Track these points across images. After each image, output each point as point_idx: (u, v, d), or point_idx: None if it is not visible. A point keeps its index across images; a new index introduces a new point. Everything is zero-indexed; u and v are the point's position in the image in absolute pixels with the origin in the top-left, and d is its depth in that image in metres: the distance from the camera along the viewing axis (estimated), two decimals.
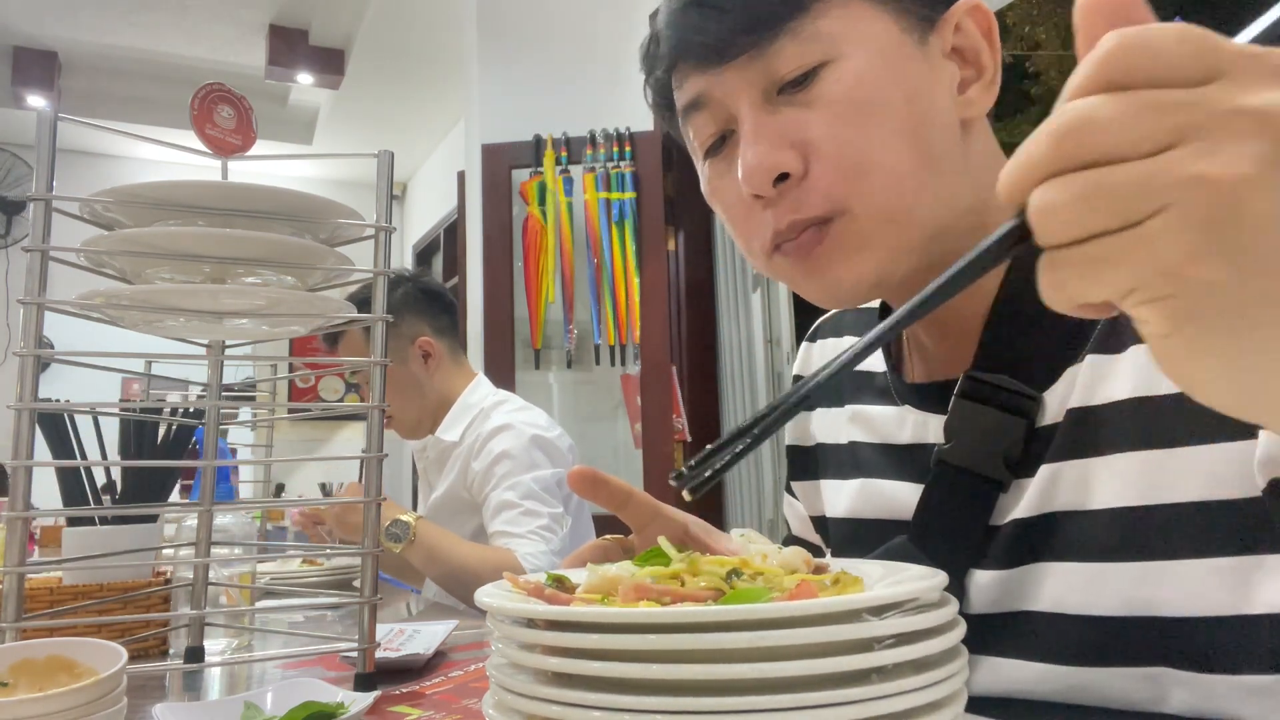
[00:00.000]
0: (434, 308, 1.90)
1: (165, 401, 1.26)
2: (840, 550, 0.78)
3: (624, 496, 0.68)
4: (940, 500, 0.66)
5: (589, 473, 0.67)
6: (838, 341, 0.87)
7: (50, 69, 4.85)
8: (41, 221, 0.76)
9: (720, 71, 0.63)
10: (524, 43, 3.54)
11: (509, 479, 1.70)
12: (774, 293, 3.21)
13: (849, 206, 0.61)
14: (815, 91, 0.61)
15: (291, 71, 4.86)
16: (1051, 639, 0.59)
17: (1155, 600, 0.55)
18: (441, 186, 5.64)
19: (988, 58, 0.64)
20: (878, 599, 0.44)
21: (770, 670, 0.40)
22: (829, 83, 0.60)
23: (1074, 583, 0.59)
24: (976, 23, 0.64)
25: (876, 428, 0.76)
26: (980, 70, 0.65)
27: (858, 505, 0.76)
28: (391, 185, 0.87)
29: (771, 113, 0.62)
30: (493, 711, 0.48)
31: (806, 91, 0.61)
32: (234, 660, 1.00)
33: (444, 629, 1.00)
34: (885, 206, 0.60)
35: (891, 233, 0.61)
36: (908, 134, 0.60)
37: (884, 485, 0.73)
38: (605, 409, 3.37)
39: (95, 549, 1.01)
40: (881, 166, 0.60)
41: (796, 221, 0.62)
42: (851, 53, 0.60)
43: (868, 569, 0.54)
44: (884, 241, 0.61)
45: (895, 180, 0.60)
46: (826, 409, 0.83)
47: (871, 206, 0.60)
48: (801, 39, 0.60)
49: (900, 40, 0.61)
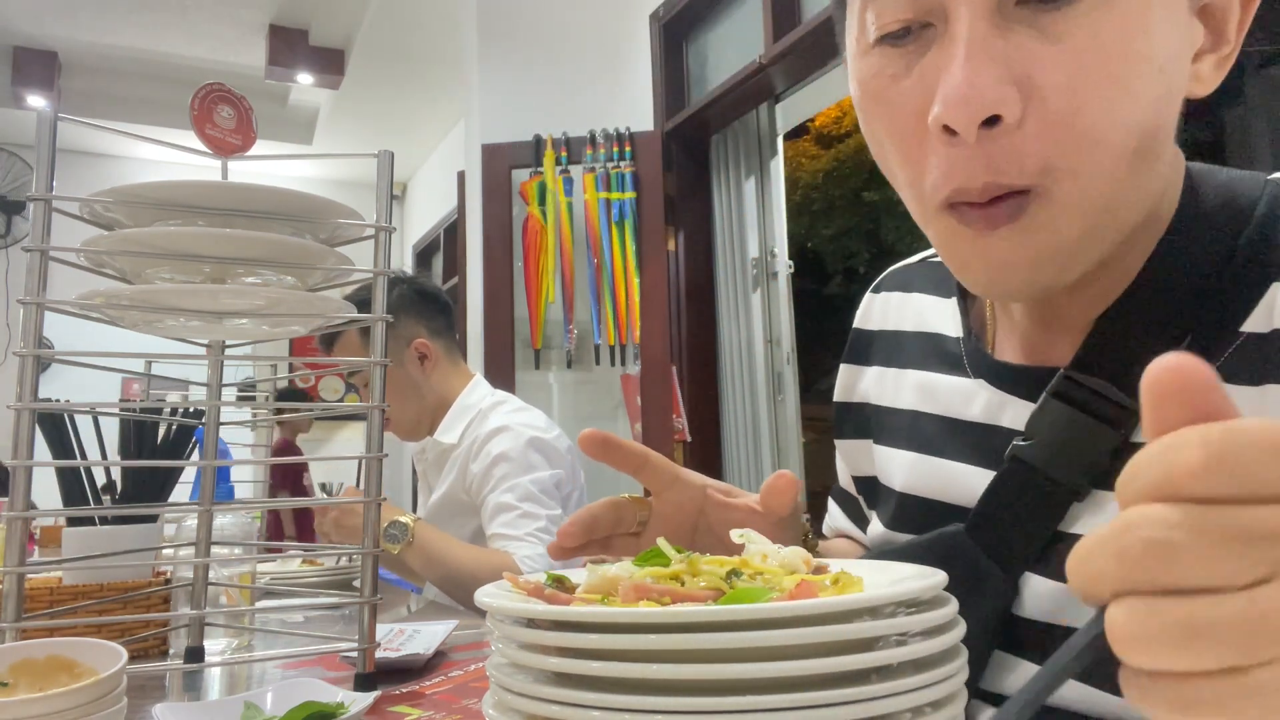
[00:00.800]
0: (430, 309, 1.90)
1: (165, 401, 1.26)
2: (883, 517, 0.73)
3: (640, 460, 0.65)
4: (1009, 498, 0.60)
5: (600, 435, 0.64)
6: (904, 297, 0.77)
7: (50, 69, 4.86)
8: (41, 221, 0.76)
9: None
10: (524, 43, 3.55)
11: (507, 481, 1.70)
12: (774, 293, 3.21)
13: (1054, 184, 0.49)
14: (1069, 22, 0.47)
15: (291, 71, 4.86)
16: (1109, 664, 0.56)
17: None
18: (441, 186, 5.64)
19: (1234, 28, 0.53)
20: (877, 599, 0.44)
21: (770, 670, 0.40)
22: (1090, 17, 0.47)
23: None
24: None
25: (941, 399, 0.68)
26: (1220, 40, 0.53)
27: (913, 481, 0.69)
28: (391, 185, 0.87)
29: (1003, 30, 0.48)
30: (493, 711, 0.48)
31: (1056, 15, 0.47)
32: (234, 660, 1.00)
33: (444, 629, 1.00)
34: (1094, 192, 0.50)
35: (1090, 228, 0.51)
36: (1148, 109, 0.49)
37: (944, 465, 0.67)
38: (605, 409, 3.37)
39: (95, 549, 1.01)
40: (1109, 143, 0.48)
41: (992, 185, 0.49)
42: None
43: (866, 569, 0.54)
44: (1077, 236, 0.51)
45: (1114, 162, 0.49)
46: (884, 368, 0.76)
47: (1079, 189, 0.49)
48: None
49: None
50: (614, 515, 0.64)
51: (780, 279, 3.19)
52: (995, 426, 0.64)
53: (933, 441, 0.68)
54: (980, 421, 0.65)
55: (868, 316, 0.82)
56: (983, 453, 0.64)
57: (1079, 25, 0.47)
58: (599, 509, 0.63)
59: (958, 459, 0.66)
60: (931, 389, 0.70)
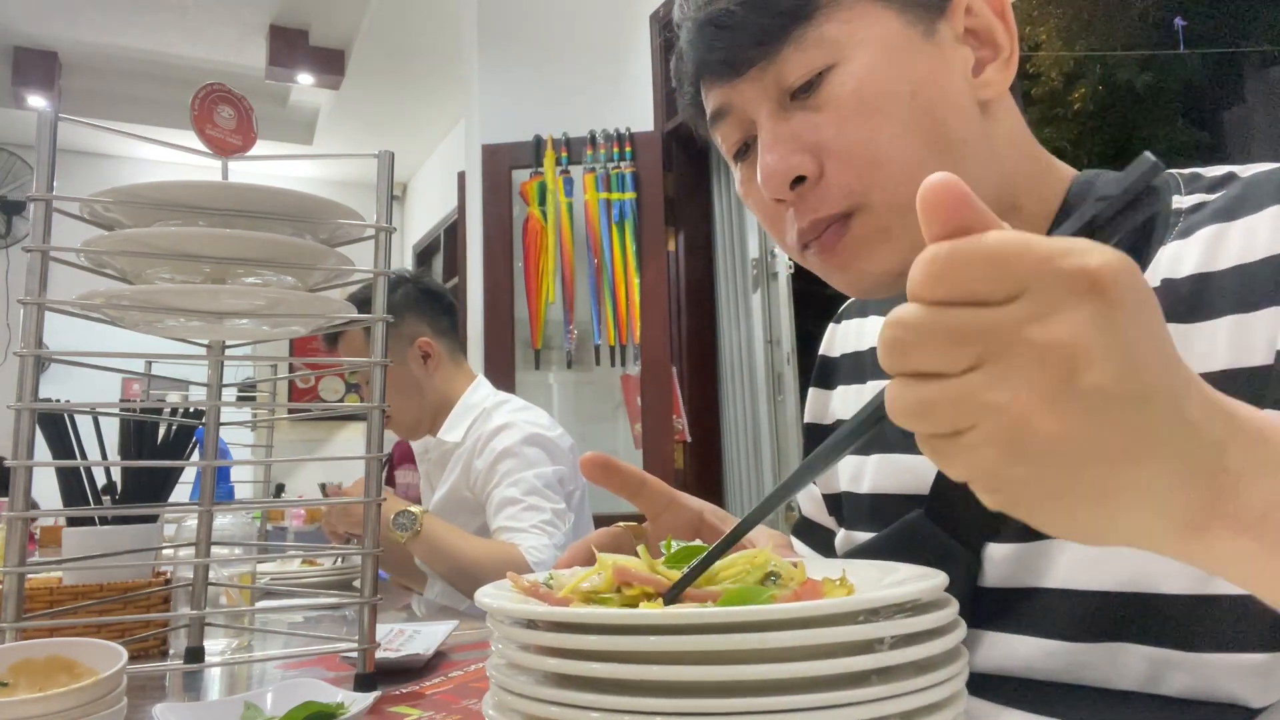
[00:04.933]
0: (434, 308, 1.90)
1: (165, 401, 1.26)
2: (855, 526, 0.78)
3: (637, 483, 0.68)
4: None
5: (601, 458, 0.67)
6: (861, 322, 0.87)
7: (50, 69, 4.85)
8: (42, 221, 0.76)
9: (736, 83, 0.66)
10: (524, 43, 3.55)
11: (511, 476, 1.71)
12: (774, 293, 3.20)
13: (866, 201, 0.62)
14: (823, 95, 0.62)
15: (292, 72, 4.86)
16: (1060, 615, 0.60)
17: (1154, 576, 0.55)
18: (441, 187, 5.64)
19: (1003, 36, 0.65)
20: (878, 600, 0.44)
21: (770, 672, 0.40)
22: (835, 85, 0.62)
23: (1084, 557, 0.59)
24: (988, 2, 0.65)
25: None
26: (996, 49, 0.65)
27: (880, 481, 0.75)
28: (392, 185, 0.87)
29: (785, 119, 0.64)
30: (493, 712, 0.48)
31: (815, 96, 0.63)
32: (234, 660, 1.00)
33: (444, 629, 1.00)
34: (903, 197, 0.61)
35: (912, 222, 0.61)
36: (918, 125, 0.61)
37: (904, 459, 0.73)
38: (605, 409, 3.37)
39: (95, 549, 1.01)
40: (894, 159, 0.61)
41: (817, 220, 0.64)
42: (855, 54, 0.62)
43: (863, 570, 0.54)
44: (904, 232, 0.62)
45: (909, 171, 0.61)
46: (848, 386, 0.84)
47: (888, 199, 0.62)
48: (805, 46, 0.62)
49: (904, 34, 0.62)
50: (612, 545, 0.66)
51: (780, 279, 3.18)
52: None
53: (894, 442, 0.74)
54: None
55: (831, 345, 0.90)
56: None
57: (833, 92, 0.62)
58: (596, 540, 0.65)
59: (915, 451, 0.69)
60: None
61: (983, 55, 0.65)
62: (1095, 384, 0.31)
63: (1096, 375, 0.31)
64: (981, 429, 0.32)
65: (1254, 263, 0.56)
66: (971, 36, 0.65)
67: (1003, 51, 0.65)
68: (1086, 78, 4.66)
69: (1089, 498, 0.33)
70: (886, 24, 0.62)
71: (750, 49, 0.64)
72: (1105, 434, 0.32)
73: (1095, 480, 0.33)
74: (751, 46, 0.64)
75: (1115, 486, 0.33)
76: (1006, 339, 0.32)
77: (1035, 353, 0.31)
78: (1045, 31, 4.73)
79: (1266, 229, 0.56)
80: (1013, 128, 0.67)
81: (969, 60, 0.64)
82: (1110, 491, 0.33)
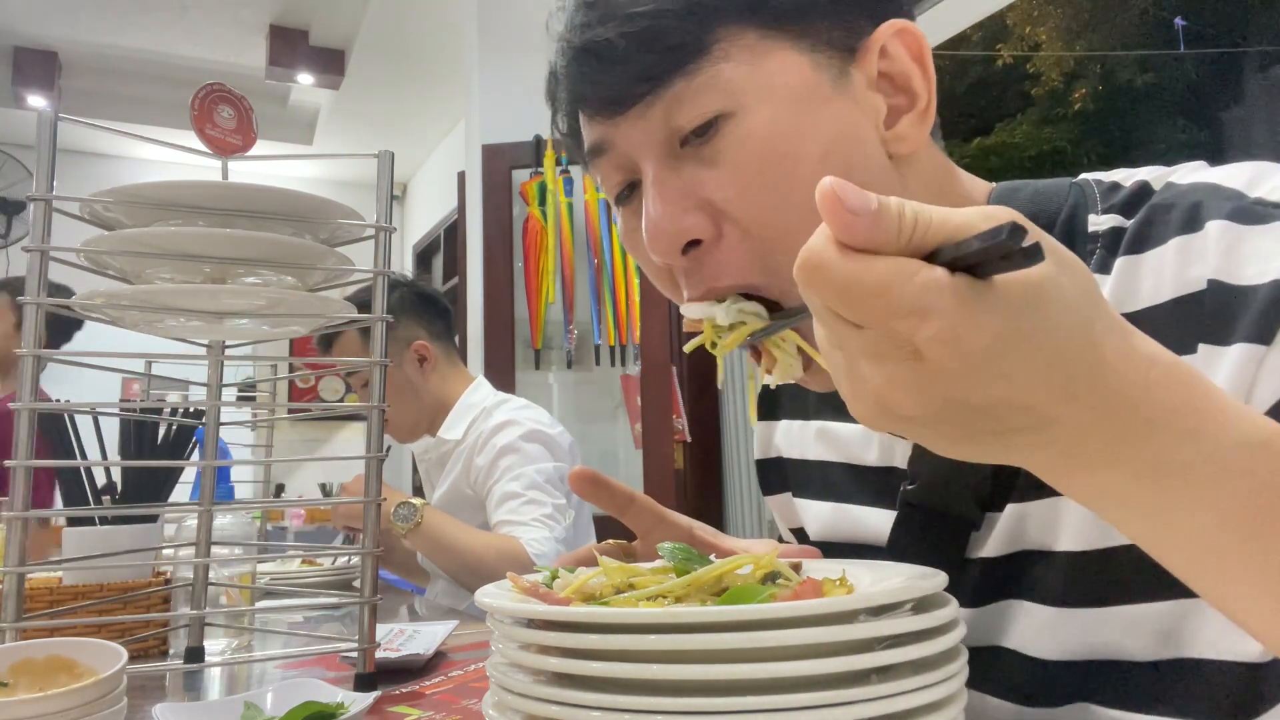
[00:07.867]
0: (430, 312, 1.91)
1: (165, 401, 1.26)
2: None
3: (626, 500, 0.67)
4: (913, 538, 0.63)
5: (590, 474, 0.66)
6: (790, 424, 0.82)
7: (50, 69, 4.85)
8: (41, 221, 0.76)
9: (618, 121, 0.58)
10: (524, 43, 3.54)
11: (512, 471, 1.71)
12: None
13: (773, 281, 0.56)
14: (719, 146, 0.55)
15: (292, 72, 4.86)
16: (1020, 678, 0.58)
17: (1110, 644, 0.54)
18: (441, 187, 5.64)
19: (920, 84, 0.58)
20: (876, 599, 0.44)
21: (769, 671, 0.40)
22: (734, 139, 0.55)
23: (1037, 624, 0.57)
24: (905, 46, 0.58)
25: (843, 446, 0.73)
26: (913, 98, 0.58)
27: (826, 530, 0.74)
28: (392, 185, 0.87)
29: (675, 169, 0.57)
30: (493, 711, 0.48)
31: (710, 145, 0.56)
32: (234, 660, 1.00)
33: (444, 629, 1.00)
34: None
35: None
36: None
37: (855, 510, 0.70)
38: (605, 409, 3.37)
39: (95, 549, 1.01)
40: (804, 235, 0.56)
41: (715, 290, 0.57)
42: (755, 105, 0.54)
43: (862, 570, 0.54)
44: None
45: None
46: (791, 421, 0.81)
47: (791, 286, 0.57)
48: (698, 84, 0.55)
49: (813, 82, 0.55)
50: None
51: None
52: (891, 468, 0.67)
53: (840, 489, 0.72)
54: (878, 465, 0.69)
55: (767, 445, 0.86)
56: (886, 495, 0.67)
57: (729, 149, 0.55)
58: (583, 556, 0.64)
59: (864, 503, 0.70)
60: (834, 437, 0.74)
61: (897, 103, 0.58)
62: (910, 417, 0.36)
63: (908, 414, 0.36)
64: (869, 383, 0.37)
65: (1164, 304, 0.53)
66: (886, 81, 0.58)
67: (919, 100, 0.58)
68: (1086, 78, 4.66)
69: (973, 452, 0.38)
70: (792, 69, 0.55)
71: (634, 85, 0.56)
72: (945, 431, 0.37)
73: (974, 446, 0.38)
74: (637, 80, 0.56)
75: (996, 451, 0.38)
76: (853, 348, 0.36)
77: (869, 370, 0.36)
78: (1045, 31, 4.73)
79: (1171, 266, 0.53)
80: (931, 170, 0.61)
81: (881, 110, 0.57)
82: (993, 453, 0.38)
